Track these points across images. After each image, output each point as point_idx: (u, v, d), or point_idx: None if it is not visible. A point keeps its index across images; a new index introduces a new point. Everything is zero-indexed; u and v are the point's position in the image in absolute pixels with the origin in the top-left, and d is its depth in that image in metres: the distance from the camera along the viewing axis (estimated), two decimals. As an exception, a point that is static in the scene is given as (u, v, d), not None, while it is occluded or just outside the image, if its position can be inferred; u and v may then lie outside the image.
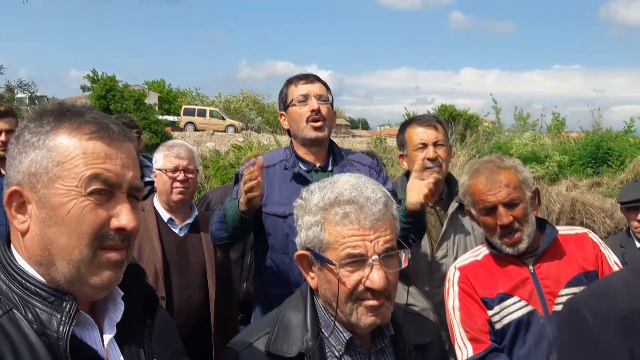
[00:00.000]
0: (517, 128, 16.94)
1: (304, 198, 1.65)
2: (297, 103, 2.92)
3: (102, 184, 1.21)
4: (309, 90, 2.93)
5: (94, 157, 1.21)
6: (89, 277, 1.21)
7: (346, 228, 1.54)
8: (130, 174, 1.26)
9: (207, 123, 35.02)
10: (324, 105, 2.92)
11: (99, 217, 1.21)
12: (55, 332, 1.16)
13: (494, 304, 2.44)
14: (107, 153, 1.23)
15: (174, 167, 3.38)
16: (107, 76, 31.91)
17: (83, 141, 1.22)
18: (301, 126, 2.90)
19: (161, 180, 3.41)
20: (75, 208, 1.19)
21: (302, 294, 1.73)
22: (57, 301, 1.20)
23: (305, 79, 2.98)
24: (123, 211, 1.23)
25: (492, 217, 2.45)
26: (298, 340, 1.62)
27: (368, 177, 1.69)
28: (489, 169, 2.48)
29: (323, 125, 2.91)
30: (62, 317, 1.18)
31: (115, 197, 1.24)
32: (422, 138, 3.13)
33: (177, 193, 3.38)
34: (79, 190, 1.19)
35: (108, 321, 1.31)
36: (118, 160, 1.24)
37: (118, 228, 1.22)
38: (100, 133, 1.24)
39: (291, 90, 2.98)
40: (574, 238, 2.56)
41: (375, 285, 1.52)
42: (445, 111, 23.24)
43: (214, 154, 16.55)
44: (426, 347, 1.77)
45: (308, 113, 2.88)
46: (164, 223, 3.42)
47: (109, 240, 1.22)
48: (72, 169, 1.20)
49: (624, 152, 12.55)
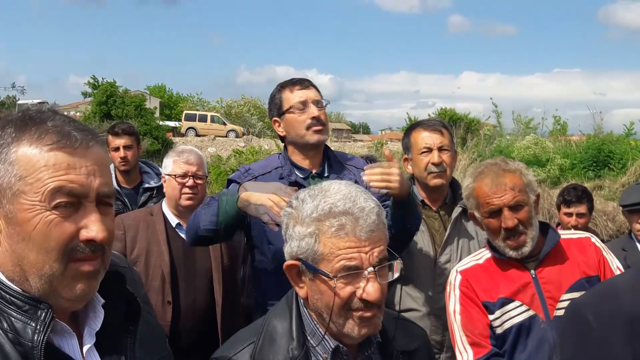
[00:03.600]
0: (518, 132, 16.96)
1: (295, 207, 1.61)
2: (295, 110, 2.88)
3: (66, 196, 1.18)
4: (306, 96, 2.90)
5: (56, 169, 1.17)
6: (61, 290, 1.20)
7: (342, 240, 1.51)
8: (98, 182, 1.22)
9: (209, 128, 35.03)
10: (322, 110, 2.91)
11: (65, 231, 1.18)
12: (30, 340, 1.15)
13: (495, 308, 2.43)
14: (69, 163, 1.19)
15: (183, 173, 3.39)
16: (107, 82, 31.99)
17: (44, 152, 1.18)
18: (301, 133, 2.87)
19: (170, 185, 3.43)
20: (40, 223, 1.16)
21: (287, 302, 1.71)
22: (32, 310, 1.18)
23: (301, 85, 2.94)
24: (92, 221, 1.20)
25: (496, 220, 2.44)
26: (283, 350, 1.59)
27: (361, 182, 1.66)
28: (493, 171, 2.47)
29: (324, 130, 2.91)
30: (37, 325, 1.17)
31: (83, 207, 1.21)
32: (427, 142, 3.13)
33: (186, 199, 3.39)
34: (43, 204, 1.16)
35: (88, 330, 1.29)
36: (82, 169, 1.20)
37: (87, 239, 1.20)
38: (61, 143, 1.19)
39: (286, 97, 2.93)
40: (577, 242, 2.55)
41: (371, 298, 1.51)
42: (445, 115, 23.24)
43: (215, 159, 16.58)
44: (413, 353, 1.75)
45: (308, 120, 2.86)
46: (172, 228, 3.43)
47: (79, 252, 1.20)
48: (34, 183, 1.17)
49: (625, 155, 12.56)
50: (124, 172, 4.74)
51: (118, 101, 29.27)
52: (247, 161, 15.04)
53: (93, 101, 32.14)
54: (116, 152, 4.68)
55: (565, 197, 4.81)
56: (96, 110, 29.57)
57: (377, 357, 1.68)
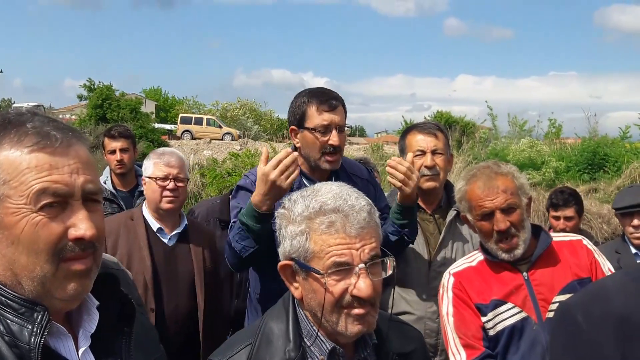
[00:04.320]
0: (514, 135, 17.01)
1: (287, 207, 1.63)
2: (316, 132, 2.81)
3: (51, 197, 1.17)
4: (331, 120, 2.80)
5: (39, 171, 1.17)
6: (54, 291, 1.20)
7: (332, 237, 1.53)
8: (82, 179, 1.22)
9: (204, 131, 35.00)
10: (342, 135, 2.85)
11: (53, 232, 1.18)
12: (27, 343, 1.15)
13: (488, 310, 2.44)
14: (51, 164, 1.19)
15: (164, 176, 3.31)
16: (103, 85, 31.94)
17: (25, 155, 1.18)
18: (315, 156, 2.83)
19: (150, 188, 3.34)
20: (28, 226, 1.16)
21: (284, 304, 1.71)
22: (28, 312, 1.19)
23: (329, 106, 2.81)
24: (79, 220, 1.20)
25: (488, 223, 2.45)
26: (280, 351, 1.60)
27: (365, 190, 1.68)
28: (486, 174, 2.49)
29: (337, 157, 2.86)
30: (34, 328, 1.17)
31: (70, 206, 1.20)
32: (421, 145, 3.14)
33: (166, 202, 3.31)
34: (29, 207, 1.16)
35: (83, 332, 1.29)
36: (65, 168, 1.20)
37: (76, 238, 1.19)
38: (42, 143, 1.19)
39: (311, 114, 2.82)
40: (569, 245, 2.57)
41: (363, 294, 1.52)
42: (441, 118, 23.32)
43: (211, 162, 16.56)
44: (409, 355, 1.76)
45: (326, 145, 2.81)
46: (153, 232, 3.36)
47: (69, 252, 1.20)
48: (18, 186, 1.16)
49: (620, 158, 12.62)
50: (120, 175, 4.73)
51: (113, 104, 29.20)
52: (243, 164, 15.00)
53: (88, 104, 32.01)
54: (112, 155, 4.67)
55: (553, 200, 4.82)
56: (92, 114, 29.48)
57: (373, 359, 1.69)
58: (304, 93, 2.92)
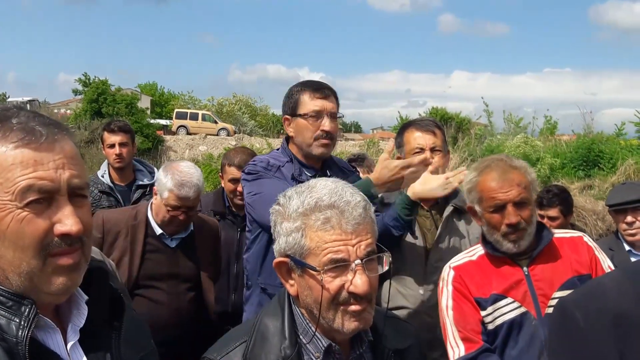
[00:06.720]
0: (509, 131, 17.05)
1: (282, 204, 1.62)
2: (309, 118, 2.88)
3: (37, 193, 1.17)
4: (323, 106, 2.88)
5: (24, 167, 1.17)
6: (43, 285, 1.20)
7: (328, 233, 1.52)
8: (67, 174, 1.21)
9: (200, 126, 34.92)
10: (334, 122, 2.91)
11: (39, 228, 1.18)
12: (14, 336, 1.15)
13: (487, 304, 2.45)
14: (36, 160, 1.18)
15: (177, 207, 3.23)
16: (99, 80, 31.82)
17: (10, 151, 1.17)
18: (308, 142, 2.89)
19: (159, 204, 3.28)
20: (13, 222, 1.16)
21: (279, 301, 1.70)
22: (15, 305, 1.18)
23: (321, 94, 2.91)
24: (65, 215, 1.20)
25: (499, 215, 2.43)
26: (276, 349, 1.59)
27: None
28: (500, 167, 2.47)
29: (330, 144, 2.92)
30: (21, 321, 1.17)
31: (56, 201, 1.20)
32: (419, 143, 3.14)
33: (175, 225, 3.30)
34: (14, 203, 1.16)
35: (72, 326, 1.29)
36: (50, 164, 1.19)
37: (62, 234, 1.19)
38: (26, 139, 1.18)
39: (304, 101, 2.91)
40: (569, 241, 2.57)
41: (359, 290, 1.51)
42: (436, 114, 23.31)
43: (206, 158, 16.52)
44: (405, 351, 1.75)
45: (319, 132, 2.87)
46: (153, 235, 3.35)
47: (55, 247, 1.19)
48: (3, 182, 1.16)
49: (615, 154, 12.67)
50: (118, 170, 4.72)
51: (109, 99, 29.12)
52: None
53: (84, 99, 31.91)
54: (111, 149, 4.65)
55: (539, 199, 4.80)
56: (87, 108, 29.40)
57: (369, 356, 1.69)
58: (298, 84, 3.03)
